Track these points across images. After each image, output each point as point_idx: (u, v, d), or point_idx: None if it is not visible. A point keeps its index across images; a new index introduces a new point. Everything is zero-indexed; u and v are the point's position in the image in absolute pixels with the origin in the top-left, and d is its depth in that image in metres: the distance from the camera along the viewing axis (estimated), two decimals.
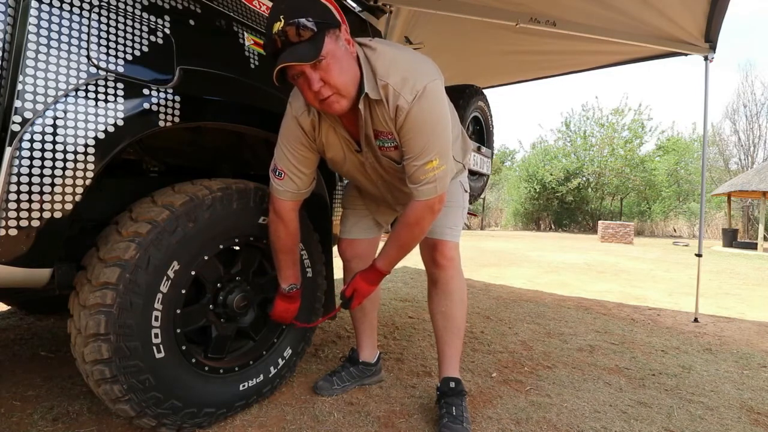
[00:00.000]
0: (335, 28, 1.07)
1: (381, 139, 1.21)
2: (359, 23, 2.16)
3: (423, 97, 1.10)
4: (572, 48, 3.46)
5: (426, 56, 1.24)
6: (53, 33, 0.93)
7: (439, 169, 1.15)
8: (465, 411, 1.35)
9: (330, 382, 1.54)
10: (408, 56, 1.19)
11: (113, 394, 1.05)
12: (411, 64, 1.16)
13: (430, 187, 1.17)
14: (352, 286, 1.34)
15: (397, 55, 1.17)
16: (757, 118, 20.61)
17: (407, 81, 1.11)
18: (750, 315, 3.30)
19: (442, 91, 1.16)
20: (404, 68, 1.13)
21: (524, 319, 2.76)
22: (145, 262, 1.06)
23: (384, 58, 1.14)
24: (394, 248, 1.29)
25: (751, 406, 1.63)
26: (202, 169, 1.62)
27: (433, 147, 1.14)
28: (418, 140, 1.14)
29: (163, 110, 1.10)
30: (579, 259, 6.89)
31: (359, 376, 1.61)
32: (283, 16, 1.02)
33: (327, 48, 1.04)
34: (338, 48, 1.07)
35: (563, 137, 20.87)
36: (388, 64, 1.13)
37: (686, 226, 19.60)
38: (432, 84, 1.12)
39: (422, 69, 1.15)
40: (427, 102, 1.11)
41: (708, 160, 17.10)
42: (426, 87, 1.11)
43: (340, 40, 1.08)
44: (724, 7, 2.64)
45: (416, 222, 1.24)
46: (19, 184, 0.89)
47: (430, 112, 1.13)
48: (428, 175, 1.16)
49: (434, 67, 1.20)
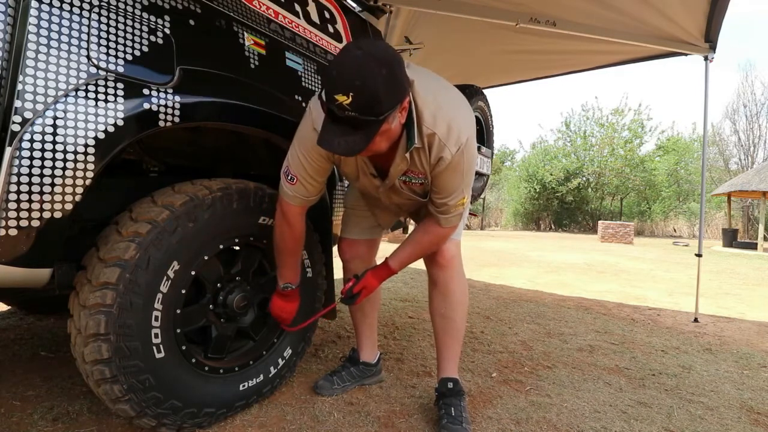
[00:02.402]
0: (396, 109, 1.00)
1: (409, 176, 1.24)
2: (359, 23, 2.16)
3: (465, 149, 1.16)
4: (572, 48, 3.46)
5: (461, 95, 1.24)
6: (53, 33, 0.93)
7: (466, 201, 1.27)
8: (464, 411, 1.35)
9: (330, 382, 1.54)
10: (451, 100, 1.19)
11: (113, 394, 1.05)
12: (455, 110, 1.16)
13: (456, 218, 1.29)
14: (362, 282, 1.36)
15: (441, 98, 1.15)
16: (757, 118, 20.63)
17: (452, 131, 1.13)
18: (750, 315, 3.30)
19: (474, 137, 1.21)
20: (449, 116, 1.13)
21: (524, 319, 2.76)
22: (145, 262, 1.06)
23: (431, 102, 1.12)
24: (410, 253, 1.36)
25: (751, 406, 1.63)
26: (202, 169, 1.62)
27: (466, 187, 1.24)
28: (454, 183, 1.21)
29: (163, 110, 1.10)
30: (579, 259, 6.89)
31: (359, 376, 1.61)
32: (354, 95, 0.90)
33: (381, 131, 1.00)
34: (391, 126, 1.03)
35: (563, 137, 20.89)
36: (435, 111, 1.11)
37: (686, 226, 19.60)
38: (472, 135, 1.18)
39: (464, 117, 1.18)
40: (468, 152, 1.17)
41: (708, 160, 17.07)
42: (468, 139, 1.16)
43: (395, 119, 1.02)
44: (724, 7, 2.64)
45: (438, 242, 1.35)
46: (19, 184, 0.89)
47: (469, 161, 1.19)
48: (458, 208, 1.26)
49: (469, 110, 1.22)
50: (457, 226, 1.35)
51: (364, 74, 0.91)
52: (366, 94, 0.91)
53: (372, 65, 0.92)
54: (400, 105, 1.00)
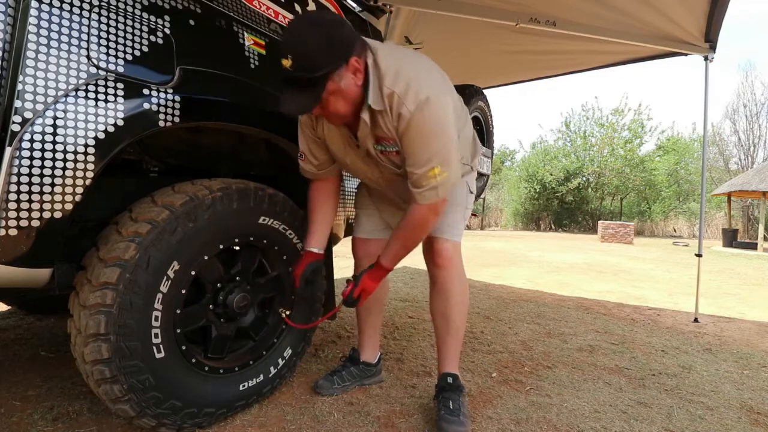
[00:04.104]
0: (340, 68, 1.08)
1: (383, 144, 1.23)
2: (359, 23, 2.16)
3: (426, 107, 1.11)
4: (572, 48, 3.46)
5: (434, 64, 1.24)
6: (53, 33, 0.93)
7: (441, 176, 1.17)
8: (463, 406, 1.34)
9: (330, 381, 1.54)
10: (416, 63, 1.19)
11: (113, 394, 1.05)
12: (417, 71, 1.16)
13: (431, 193, 1.20)
14: (360, 285, 1.35)
15: (405, 61, 1.17)
16: (757, 118, 20.63)
17: (411, 89, 1.11)
18: (750, 315, 3.30)
19: (446, 101, 1.16)
20: (410, 75, 1.13)
21: (524, 319, 2.76)
22: (145, 262, 1.06)
23: (393, 65, 1.14)
24: (398, 246, 1.31)
25: (751, 406, 1.63)
26: (202, 169, 1.62)
27: (435, 156, 1.15)
28: (420, 149, 1.16)
29: (163, 110, 1.10)
30: (579, 259, 6.89)
31: (359, 376, 1.61)
32: (292, 57, 1.03)
33: (328, 90, 1.08)
34: (340, 86, 1.10)
35: (563, 137, 20.90)
36: (396, 71, 1.13)
37: (686, 226, 19.60)
38: (436, 95, 1.13)
39: (428, 78, 1.16)
40: (429, 111, 1.12)
41: (708, 160, 17.07)
42: (429, 97, 1.11)
43: (343, 78, 1.10)
44: (724, 7, 2.64)
45: (419, 224, 1.27)
46: (19, 184, 0.89)
47: (431, 121, 1.13)
48: (430, 181, 1.17)
49: (440, 77, 1.20)
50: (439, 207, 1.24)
51: (297, 37, 1.04)
52: (301, 53, 1.03)
53: (305, 28, 1.05)
54: (345, 64, 1.08)
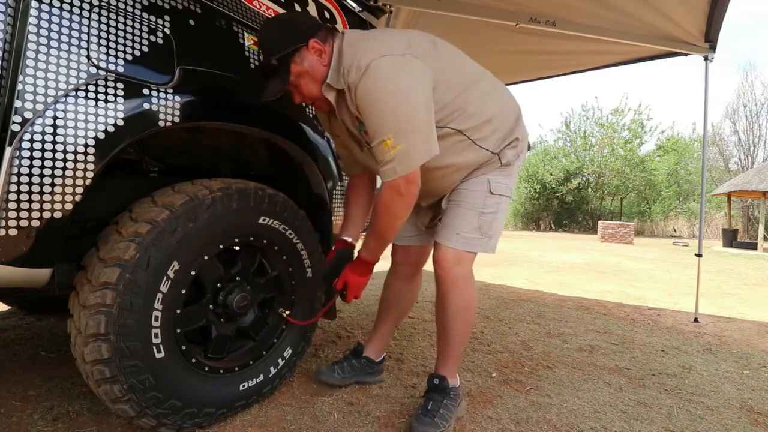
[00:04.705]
0: (300, 50, 1.18)
1: (361, 124, 1.20)
2: (359, 23, 2.16)
3: (367, 74, 1.08)
4: (572, 48, 3.46)
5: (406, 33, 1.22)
6: (53, 33, 0.93)
7: (395, 149, 1.09)
8: (443, 407, 1.29)
9: (332, 370, 1.58)
10: (373, 35, 1.22)
11: (113, 394, 1.05)
12: (368, 42, 1.15)
13: (388, 168, 1.12)
14: (342, 278, 1.35)
15: (364, 37, 1.19)
16: (757, 118, 20.62)
17: (356, 59, 1.11)
18: (750, 315, 3.30)
19: (394, 66, 1.09)
20: (361, 48, 1.13)
21: (524, 319, 2.76)
22: (145, 262, 1.06)
23: (353, 43, 1.17)
24: (372, 236, 1.29)
25: (751, 406, 1.63)
26: (202, 169, 1.62)
27: (384, 125, 1.09)
28: (370, 119, 1.11)
29: (163, 110, 1.10)
30: (579, 259, 6.89)
31: (360, 370, 1.61)
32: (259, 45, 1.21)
33: (293, 73, 1.19)
34: (304, 67, 1.19)
35: (563, 137, 20.88)
36: (353, 49, 1.15)
37: (686, 226, 19.59)
38: (379, 60, 1.08)
39: (374, 46, 1.12)
40: (371, 79, 1.08)
41: (708, 160, 17.07)
42: (370, 64, 1.07)
43: (306, 59, 1.18)
44: (724, 7, 2.64)
45: (384, 206, 1.19)
46: (19, 184, 0.89)
47: (375, 89, 1.08)
48: (385, 155, 1.11)
49: (395, 43, 1.13)
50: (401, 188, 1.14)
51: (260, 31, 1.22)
52: (262, 43, 1.20)
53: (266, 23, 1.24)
54: (305, 45, 1.17)
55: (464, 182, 1.36)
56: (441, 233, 1.35)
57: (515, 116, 1.37)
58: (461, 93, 1.22)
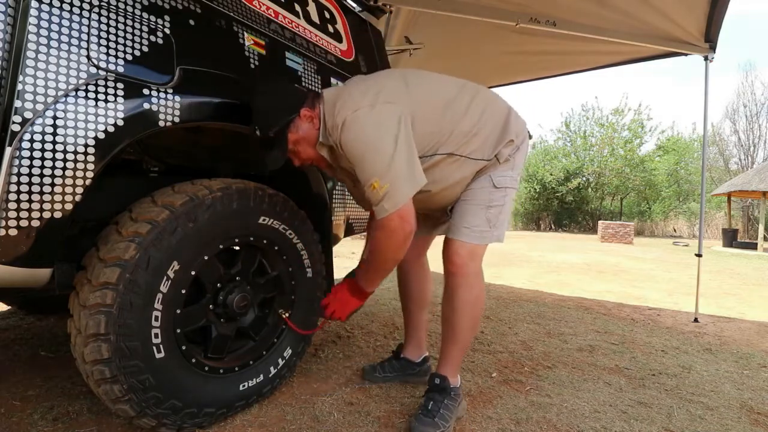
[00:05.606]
0: (294, 120, 1.27)
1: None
2: (359, 23, 2.16)
3: (344, 130, 1.19)
4: (572, 48, 3.46)
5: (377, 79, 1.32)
6: (53, 33, 0.93)
7: (383, 189, 1.16)
8: (443, 407, 1.30)
9: (374, 369, 1.65)
10: (346, 89, 1.28)
11: (113, 394, 1.05)
12: (344, 100, 1.24)
13: (380, 207, 1.19)
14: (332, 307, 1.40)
15: (341, 93, 1.28)
16: (757, 118, 20.64)
17: (335, 118, 1.22)
18: (750, 315, 3.30)
19: (365, 118, 1.18)
20: (336, 108, 1.23)
21: (524, 319, 2.76)
22: (145, 262, 1.06)
23: (332, 101, 1.26)
24: (371, 269, 1.34)
25: (751, 406, 1.63)
26: (202, 169, 1.62)
27: (367, 170, 1.18)
28: (356, 167, 1.21)
29: (163, 110, 1.10)
30: (579, 259, 6.89)
31: (401, 370, 1.65)
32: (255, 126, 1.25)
33: (291, 141, 1.28)
34: (300, 134, 1.28)
35: (563, 137, 20.88)
36: (333, 106, 1.25)
37: (686, 226, 19.59)
38: (352, 115, 1.19)
39: (347, 104, 1.22)
40: (346, 133, 1.19)
41: (708, 160, 17.07)
42: (345, 120, 1.19)
43: (300, 128, 1.28)
44: (724, 7, 2.64)
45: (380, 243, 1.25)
46: (19, 184, 0.89)
47: (354, 140, 1.19)
48: (375, 196, 1.18)
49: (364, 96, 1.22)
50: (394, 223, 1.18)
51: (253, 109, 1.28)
52: (258, 117, 1.26)
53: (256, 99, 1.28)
54: (297, 116, 1.26)
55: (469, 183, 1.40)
56: (452, 230, 1.38)
57: (503, 118, 1.37)
58: (440, 118, 1.29)
